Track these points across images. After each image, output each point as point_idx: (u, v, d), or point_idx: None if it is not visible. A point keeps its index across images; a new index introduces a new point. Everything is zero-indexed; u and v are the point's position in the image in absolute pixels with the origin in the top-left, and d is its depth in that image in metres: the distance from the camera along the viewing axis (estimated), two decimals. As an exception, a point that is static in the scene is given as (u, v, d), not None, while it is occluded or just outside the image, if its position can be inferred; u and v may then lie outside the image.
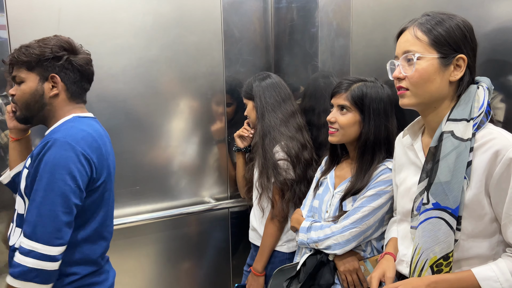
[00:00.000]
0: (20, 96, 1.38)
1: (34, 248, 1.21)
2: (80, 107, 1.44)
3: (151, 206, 2.00)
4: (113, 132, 1.73)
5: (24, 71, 1.36)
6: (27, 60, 1.35)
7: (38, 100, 1.37)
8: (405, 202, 1.22)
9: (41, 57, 1.35)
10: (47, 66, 1.36)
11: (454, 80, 1.10)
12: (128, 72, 1.88)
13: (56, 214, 1.24)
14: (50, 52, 1.35)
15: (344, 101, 1.48)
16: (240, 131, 2.01)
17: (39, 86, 1.37)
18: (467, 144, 1.04)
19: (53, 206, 1.24)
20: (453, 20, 1.10)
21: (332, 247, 1.44)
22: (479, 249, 1.07)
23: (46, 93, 1.38)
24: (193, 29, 2.00)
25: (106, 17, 1.82)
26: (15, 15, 1.65)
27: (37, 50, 1.35)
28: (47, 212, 1.23)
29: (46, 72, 1.37)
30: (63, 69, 1.38)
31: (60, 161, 1.26)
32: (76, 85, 1.41)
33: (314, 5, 1.93)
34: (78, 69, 1.40)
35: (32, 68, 1.36)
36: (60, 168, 1.25)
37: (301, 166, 1.77)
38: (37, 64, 1.36)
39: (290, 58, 2.13)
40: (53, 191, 1.24)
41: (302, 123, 1.86)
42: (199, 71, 2.04)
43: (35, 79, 1.37)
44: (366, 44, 1.69)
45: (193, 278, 2.17)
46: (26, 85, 1.37)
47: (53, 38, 1.39)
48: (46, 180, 1.24)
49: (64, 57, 1.38)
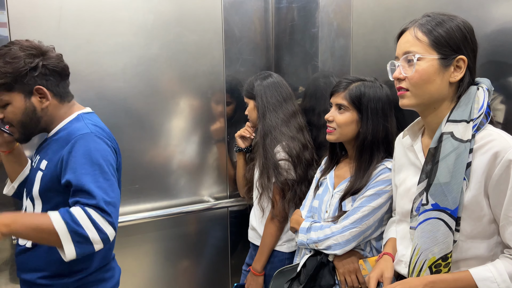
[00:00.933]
0: (12, 118, 1.32)
1: (105, 227, 1.19)
2: (73, 104, 1.42)
3: (151, 205, 2.00)
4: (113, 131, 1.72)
5: (4, 93, 1.28)
6: (3, 82, 1.26)
7: (32, 116, 1.32)
8: (404, 203, 1.23)
9: (17, 74, 1.26)
10: (27, 80, 1.28)
11: (454, 81, 1.10)
12: (129, 71, 1.88)
13: (117, 201, 1.27)
14: (23, 65, 1.26)
15: (342, 100, 1.49)
16: (242, 131, 2.01)
17: (28, 103, 1.30)
18: (467, 145, 1.05)
19: (105, 175, 1.25)
20: (454, 21, 1.10)
21: (332, 247, 1.44)
22: (477, 250, 1.08)
23: (38, 107, 1.32)
24: (194, 28, 2.00)
25: (106, 16, 1.81)
26: (16, 13, 1.65)
27: (9, 67, 1.25)
28: (114, 199, 1.24)
29: (28, 86, 1.29)
30: (43, 77, 1.31)
31: (99, 152, 1.27)
32: (59, 86, 1.36)
33: (315, 5, 1.93)
34: (55, 70, 1.33)
35: (12, 88, 1.28)
36: (101, 156, 1.26)
37: (302, 166, 1.77)
38: (15, 82, 1.27)
39: (290, 58, 2.13)
40: (100, 165, 1.25)
41: (303, 123, 1.86)
42: (199, 70, 2.04)
43: (19, 97, 1.29)
44: (366, 44, 1.70)
45: (192, 277, 2.17)
46: (14, 106, 1.30)
47: (16, 48, 1.28)
48: (87, 162, 1.24)
49: (39, 64, 1.29)
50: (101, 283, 1.40)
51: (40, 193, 1.33)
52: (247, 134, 1.99)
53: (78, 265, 1.33)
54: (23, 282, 1.40)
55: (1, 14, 1.64)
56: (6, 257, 1.75)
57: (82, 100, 1.52)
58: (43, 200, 1.33)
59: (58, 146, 1.32)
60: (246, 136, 2.00)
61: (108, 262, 1.44)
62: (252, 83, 1.88)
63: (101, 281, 1.40)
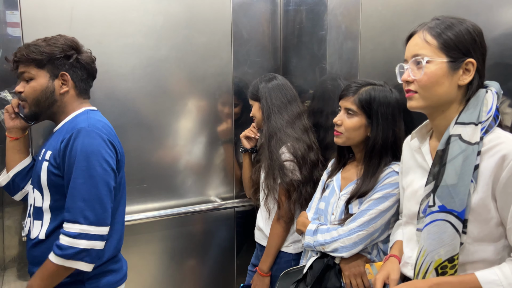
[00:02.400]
0: (30, 93, 1.41)
1: (86, 231, 1.30)
2: (86, 102, 1.51)
3: (158, 204, 2.01)
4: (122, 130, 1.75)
5: (34, 68, 1.40)
6: (38, 58, 1.39)
7: (48, 97, 1.42)
8: (411, 205, 1.22)
9: (52, 55, 1.40)
10: (58, 64, 1.41)
11: (463, 84, 1.10)
12: (138, 72, 1.90)
13: (101, 197, 1.32)
14: (61, 51, 1.40)
15: (351, 105, 1.48)
16: (247, 132, 2.02)
17: (50, 83, 1.41)
18: (475, 147, 1.05)
19: (97, 190, 1.32)
20: (463, 24, 1.10)
21: (339, 250, 1.44)
22: (484, 253, 1.07)
23: (57, 90, 1.42)
24: (203, 29, 2.01)
25: (117, 17, 1.84)
26: (28, 13, 1.68)
27: (47, 48, 1.39)
28: (93, 196, 1.31)
29: (57, 70, 1.42)
30: (72, 67, 1.44)
31: (92, 148, 1.33)
32: (83, 82, 1.47)
33: (323, 8, 1.94)
34: (85, 67, 1.47)
35: (42, 66, 1.40)
36: (94, 154, 1.32)
37: (307, 167, 1.77)
38: (48, 62, 1.40)
39: (298, 60, 2.14)
40: (93, 177, 1.32)
41: (308, 124, 1.87)
42: (207, 72, 2.05)
43: (45, 76, 1.41)
44: (375, 47, 1.70)
45: (198, 277, 2.18)
46: (37, 82, 1.41)
47: (60, 37, 1.44)
48: (83, 167, 1.31)
49: (74, 56, 1.43)
50: (111, 274, 1.45)
51: (48, 183, 1.37)
52: (252, 135, 2.00)
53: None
54: None
55: (14, 15, 1.67)
56: (14, 254, 1.77)
57: (92, 99, 1.56)
58: (51, 190, 1.38)
59: (60, 136, 1.39)
60: (251, 136, 2.01)
61: (118, 252, 1.50)
62: (257, 85, 1.89)
63: (111, 271, 1.45)
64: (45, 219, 1.39)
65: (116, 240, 1.47)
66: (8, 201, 1.72)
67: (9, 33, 1.67)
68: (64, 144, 1.34)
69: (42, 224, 1.39)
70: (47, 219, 1.39)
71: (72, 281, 1.37)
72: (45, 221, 1.39)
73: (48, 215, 1.39)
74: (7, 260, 1.77)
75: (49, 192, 1.38)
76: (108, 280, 1.43)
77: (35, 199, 1.42)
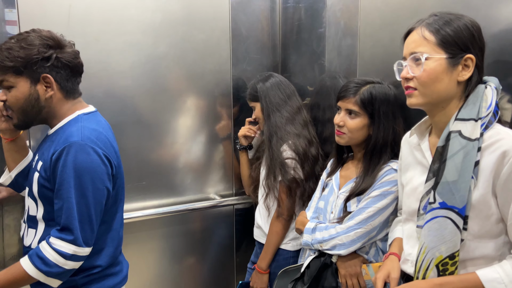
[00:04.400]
0: (13, 103, 1.30)
1: (77, 252, 1.23)
2: (79, 101, 1.39)
3: (157, 202, 2.01)
4: (121, 128, 1.75)
5: (11, 75, 1.26)
6: (13, 65, 1.24)
7: (34, 104, 1.29)
8: (411, 202, 1.22)
9: (29, 60, 1.24)
10: (37, 68, 1.26)
11: (463, 80, 1.10)
12: (136, 69, 1.89)
13: (91, 219, 1.26)
14: (37, 53, 1.25)
15: (353, 106, 1.47)
16: (246, 131, 2.01)
17: (32, 89, 1.28)
18: (475, 144, 1.04)
19: (88, 211, 1.25)
20: (461, 20, 1.10)
21: (337, 247, 1.44)
22: (485, 250, 1.07)
23: (41, 95, 1.29)
24: (201, 27, 2.01)
25: (115, 14, 1.83)
26: (26, 11, 1.67)
27: (22, 53, 1.24)
28: (84, 217, 1.24)
29: (37, 74, 1.27)
30: (54, 68, 1.29)
31: (86, 165, 1.23)
32: (69, 81, 1.33)
33: (322, 5, 1.93)
34: (68, 65, 1.31)
35: (20, 73, 1.26)
36: (87, 172, 1.24)
37: (309, 162, 1.77)
38: (25, 68, 1.25)
39: (297, 57, 2.13)
40: (86, 197, 1.24)
41: (308, 118, 1.87)
42: (206, 69, 2.05)
43: (25, 82, 1.27)
44: (374, 44, 1.70)
45: (197, 274, 2.18)
46: (18, 90, 1.28)
47: (34, 36, 1.26)
48: (75, 185, 1.23)
49: (53, 56, 1.27)
50: (110, 277, 1.40)
51: (39, 195, 1.31)
52: (251, 134, 2.00)
53: (86, 264, 1.32)
54: None
55: (12, 12, 1.66)
56: (13, 252, 1.77)
57: (91, 97, 1.53)
58: (43, 201, 1.32)
59: (51, 147, 1.30)
60: (251, 135, 2.01)
61: (116, 259, 1.44)
62: (255, 86, 1.88)
63: (110, 275, 1.40)
64: (39, 229, 1.34)
65: (113, 248, 1.40)
66: (7, 200, 1.72)
67: (7, 31, 1.66)
68: (55, 157, 1.24)
69: (35, 233, 1.34)
70: (41, 229, 1.33)
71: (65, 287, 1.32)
72: (39, 230, 1.34)
73: (42, 225, 1.33)
74: (7, 258, 1.76)
75: (42, 203, 1.32)
76: (106, 284, 1.38)
77: (29, 207, 1.37)
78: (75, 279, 1.32)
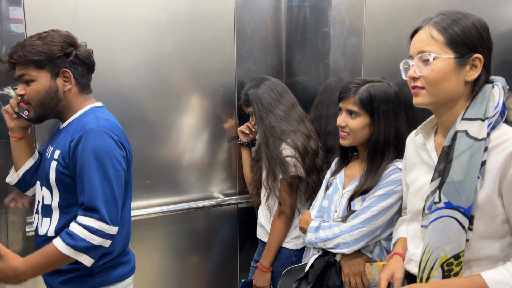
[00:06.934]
0: (33, 96, 1.39)
1: (102, 228, 1.30)
2: (90, 97, 1.49)
3: (161, 200, 2.02)
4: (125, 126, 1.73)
5: (33, 69, 1.36)
6: (37, 59, 1.35)
7: (53, 97, 1.39)
8: (416, 201, 1.22)
9: (52, 55, 1.36)
10: (58, 63, 1.38)
11: (470, 80, 1.09)
12: (141, 68, 1.90)
13: (116, 198, 1.33)
14: (60, 49, 1.37)
15: (352, 106, 1.47)
16: (243, 127, 2.03)
17: (52, 83, 1.38)
18: (482, 143, 1.04)
19: (113, 190, 1.33)
20: (469, 19, 1.09)
21: (340, 245, 1.44)
22: (490, 250, 1.07)
23: (60, 88, 1.40)
24: (206, 26, 2.01)
25: (120, 13, 1.83)
26: (32, 9, 1.67)
27: (45, 48, 1.35)
28: (109, 197, 1.32)
29: (57, 68, 1.38)
30: (73, 64, 1.41)
31: (105, 149, 1.33)
32: (84, 77, 1.45)
33: (327, 4, 1.93)
34: (84, 62, 1.44)
35: (43, 66, 1.36)
36: (107, 155, 1.33)
37: (309, 156, 1.77)
38: (48, 62, 1.36)
39: (302, 57, 2.13)
40: (109, 178, 1.32)
41: (303, 113, 1.87)
42: (211, 68, 2.05)
43: (46, 76, 1.38)
44: (379, 43, 1.69)
45: (201, 273, 2.19)
46: (39, 83, 1.37)
47: (55, 34, 1.39)
48: (98, 168, 1.31)
49: (73, 52, 1.40)
50: (121, 266, 1.47)
51: (57, 182, 1.37)
52: (246, 130, 2.02)
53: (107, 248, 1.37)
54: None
55: (17, 11, 1.66)
56: (18, 249, 1.78)
57: (96, 95, 1.55)
58: (60, 189, 1.38)
59: (68, 136, 1.38)
60: (246, 132, 2.02)
61: (127, 246, 1.51)
62: (246, 92, 1.90)
63: (121, 264, 1.47)
64: (53, 217, 1.40)
65: (125, 235, 1.48)
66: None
67: (12, 30, 1.67)
68: (74, 144, 1.33)
69: (50, 222, 1.40)
70: (56, 217, 1.39)
71: (81, 275, 1.38)
72: (54, 218, 1.39)
73: (57, 213, 1.39)
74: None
75: (58, 191, 1.38)
76: (118, 272, 1.45)
77: (44, 196, 1.42)
78: (92, 266, 1.36)
